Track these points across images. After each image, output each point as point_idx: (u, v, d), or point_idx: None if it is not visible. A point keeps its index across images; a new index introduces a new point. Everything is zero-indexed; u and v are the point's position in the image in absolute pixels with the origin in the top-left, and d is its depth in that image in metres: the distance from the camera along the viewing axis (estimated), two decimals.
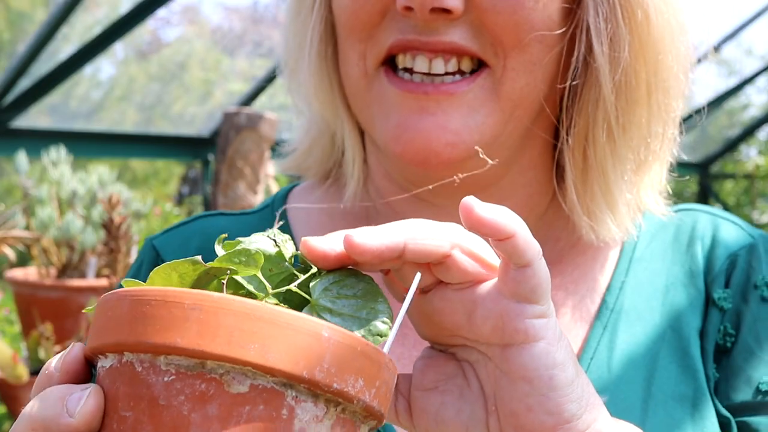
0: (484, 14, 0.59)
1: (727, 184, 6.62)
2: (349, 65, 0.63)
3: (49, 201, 2.33)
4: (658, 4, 0.62)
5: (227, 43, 3.53)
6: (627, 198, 0.66)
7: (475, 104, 0.60)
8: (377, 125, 0.62)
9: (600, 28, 0.61)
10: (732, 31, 5.03)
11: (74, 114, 3.30)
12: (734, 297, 0.68)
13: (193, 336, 0.35)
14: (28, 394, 1.94)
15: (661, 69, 0.64)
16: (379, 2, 0.60)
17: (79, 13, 2.79)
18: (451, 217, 0.52)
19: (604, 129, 0.63)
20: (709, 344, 0.66)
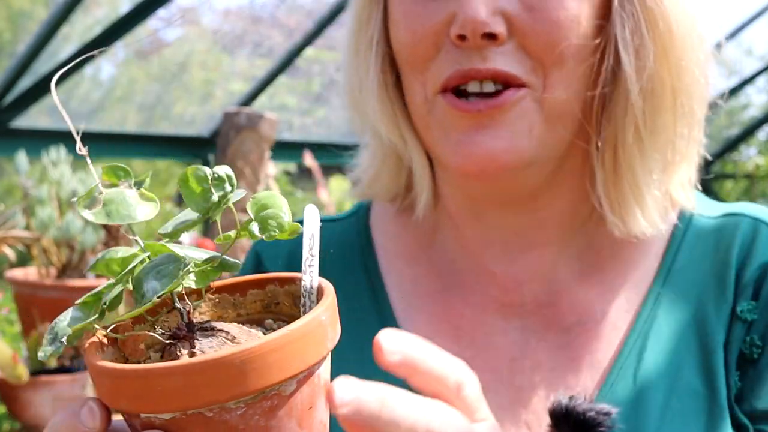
0: (525, 38, 0.66)
1: (727, 184, 6.63)
2: (412, 93, 0.71)
3: (49, 201, 2.33)
4: (679, 16, 0.69)
5: (227, 43, 3.53)
6: (656, 195, 0.70)
7: (523, 116, 0.67)
8: (439, 144, 0.69)
9: (627, 40, 0.68)
10: (732, 31, 5.03)
11: (75, 114, 3.30)
12: (764, 308, 0.69)
13: (255, 380, 0.43)
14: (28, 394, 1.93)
15: (684, 75, 0.70)
16: (433, 37, 0.68)
17: (80, 12, 2.79)
18: (503, 231, 0.72)
19: (632, 132, 0.69)
20: (731, 355, 0.68)
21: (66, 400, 2.09)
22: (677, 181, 0.73)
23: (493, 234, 0.75)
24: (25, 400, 2.06)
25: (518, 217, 0.74)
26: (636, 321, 0.71)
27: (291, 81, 3.95)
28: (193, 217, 0.47)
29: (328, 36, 3.77)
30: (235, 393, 0.42)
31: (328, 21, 3.42)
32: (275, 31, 3.55)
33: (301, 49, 3.48)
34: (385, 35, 0.72)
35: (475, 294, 0.76)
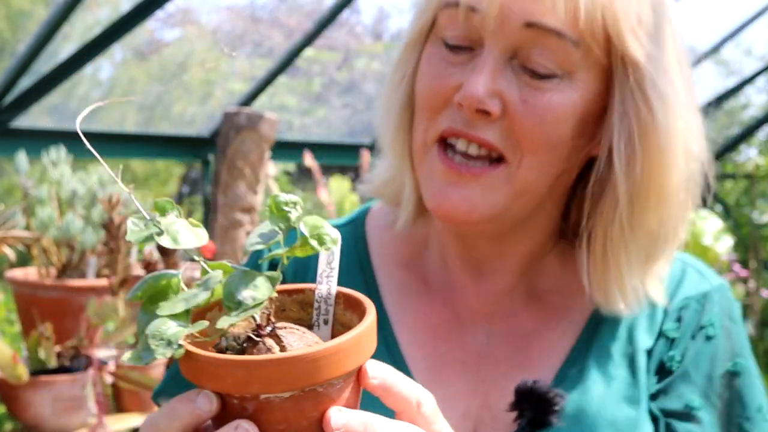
0: (514, 122, 0.78)
1: (727, 184, 6.63)
2: (416, 135, 0.85)
3: (49, 201, 2.33)
4: (670, 133, 0.79)
5: (227, 43, 3.53)
6: (635, 284, 0.84)
7: (492, 186, 0.80)
8: (423, 184, 0.84)
9: (621, 149, 0.79)
10: (732, 31, 5.03)
11: (74, 114, 3.30)
12: (683, 332, 0.87)
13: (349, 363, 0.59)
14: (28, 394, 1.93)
15: (669, 184, 0.81)
16: (444, 95, 0.81)
17: (80, 12, 2.79)
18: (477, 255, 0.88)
19: (617, 228, 0.81)
20: (653, 362, 0.86)
21: (66, 400, 2.08)
22: (653, 273, 0.86)
23: (470, 255, 0.90)
24: (25, 400, 2.06)
25: (488, 247, 0.88)
26: (582, 332, 0.88)
27: (291, 81, 3.95)
28: (276, 232, 0.61)
29: (328, 36, 3.77)
30: (336, 373, 0.58)
31: (328, 21, 3.42)
32: (275, 31, 3.54)
33: (301, 49, 3.48)
34: (413, 79, 0.86)
35: (452, 300, 0.91)
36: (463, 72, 0.80)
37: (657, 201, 0.81)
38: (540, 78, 0.78)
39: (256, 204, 3.12)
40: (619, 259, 0.83)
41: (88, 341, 2.13)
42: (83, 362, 2.13)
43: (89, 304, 2.13)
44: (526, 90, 0.78)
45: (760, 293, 5.76)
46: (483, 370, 0.88)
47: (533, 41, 0.77)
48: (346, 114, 4.17)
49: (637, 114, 0.79)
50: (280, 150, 3.49)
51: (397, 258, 0.94)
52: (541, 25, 0.76)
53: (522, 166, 0.80)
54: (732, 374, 0.87)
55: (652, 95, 0.79)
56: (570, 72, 0.78)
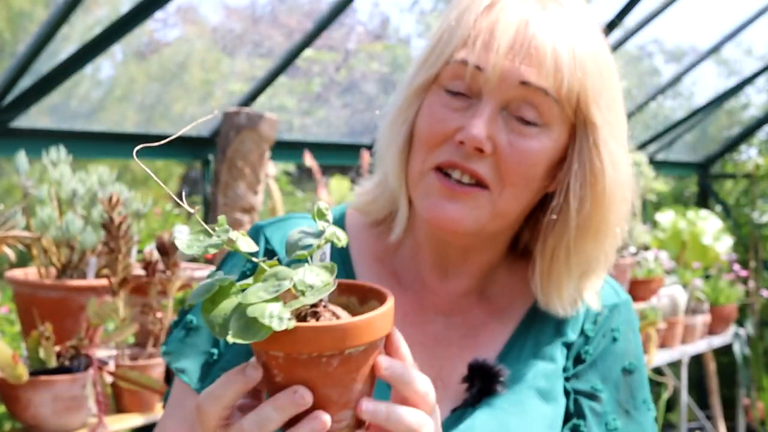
0: (500, 160, 0.99)
1: (727, 184, 6.62)
2: (414, 163, 1.04)
3: (49, 201, 2.32)
4: (613, 183, 1.03)
5: (227, 43, 3.53)
6: (570, 292, 1.08)
7: (478, 206, 1.01)
8: (420, 201, 1.03)
9: (576, 191, 1.02)
10: (732, 31, 5.03)
11: (74, 114, 3.30)
12: (597, 333, 1.12)
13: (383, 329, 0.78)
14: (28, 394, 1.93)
15: (607, 222, 1.05)
16: (444, 135, 1.01)
17: (80, 13, 2.79)
18: (444, 260, 1.10)
19: (564, 249, 1.05)
20: (572, 352, 1.11)
21: (66, 400, 2.09)
22: (588, 286, 1.10)
23: (440, 260, 1.10)
24: (25, 400, 2.06)
25: (457, 256, 1.09)
26: (519, 324, 1.11)
27: (291, 81, 3.95)
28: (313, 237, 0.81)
29: (328, 36, 3.77)
30: (379, 335, 0.77)
31: (328, 21, 3.42)
32: (275, 31, 3.54)
33: (301, 50, 3.48)
34: (414, 120, 1.05)
35: (419, 294, 1.12)
36: (462, 117, 1.00)
37: (597, 233, 1.05)
38: (525, 124, 0.99)
39: (256, 204, 3.12)
40: (560, 274, 1.07)
41: (88, 341, 2.13)
42: (83, 362, 2.13)
43: (89, 304, 2.13)
44: (512, 135, 1.00)
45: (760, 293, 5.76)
46: (438, 350, 1.10)
47: (523, 97, 0.99)
48: (346, 114, 4.17)
49: (591, 164, 1.02)
50: (280, 150, 3.49)
51: (373, 254, 1.13)
52: (533, 85, 0.98)
53: (502, 196, 1.01)
54: (627, 371, 1.13)
55: (604, 152, 1.02)
56: (548, 124, 1.00)
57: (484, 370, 1.05)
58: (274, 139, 3.15)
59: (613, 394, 1.11)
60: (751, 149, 6.56)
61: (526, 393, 1.07)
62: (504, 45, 0.98)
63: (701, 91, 5.72)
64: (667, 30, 4.97)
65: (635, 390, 1.13)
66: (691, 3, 4.59)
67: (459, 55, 1.00)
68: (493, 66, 0.98)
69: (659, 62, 5.47)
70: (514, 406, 1.06)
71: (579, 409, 1.10)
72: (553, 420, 1.08)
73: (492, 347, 1.10)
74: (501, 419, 1.04)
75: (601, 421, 1.10)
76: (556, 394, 1.09)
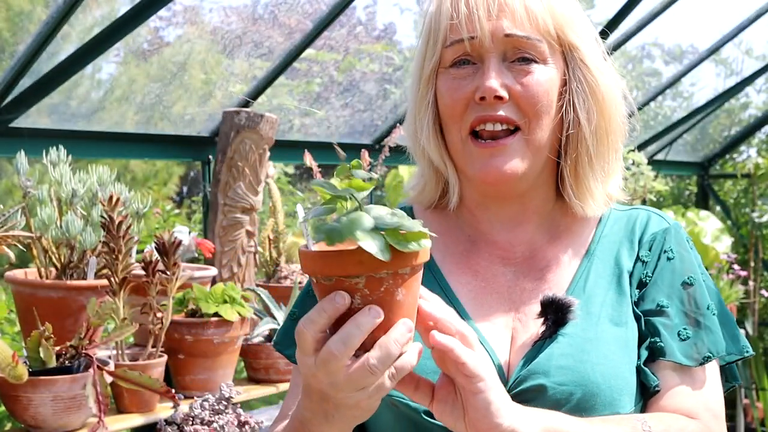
0: (518, 101, 1.19)
1: (727, 184, 6.62)
2: (452, 135, 1.24)
3: (49, 201, 2.32)
4: (608, 88, 1.23)
5: (227, 43, 3.53)
6: (600, 192, 1.26)
7: (517, 152, 1.20)
8: (468, 166, 1.22)
9: (581, 105, 1.21)
10: (732, 31, 5.03)
11: (74, 114, 3.30)
12: (652, 256, 1.26)
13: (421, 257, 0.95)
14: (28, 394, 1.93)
15: (613, 122, 1.24)
16: (464, 100, 1.20)
17: (80, 12, 2.79)
18: (501, 216, 1.29)
19: (586, 157, 1.23)
20: (634, 279, 1.25)
21: (66, 400, 2.09)
22: (613, 184, 1.28)
23: (495, 217, 1.29)
24: (25, 400, 2.06)
25: (512, 207, 1.28)
26: (581, 263, 1.27)
27: (291, 81, 3.95)
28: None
29: (328, 36, 3.77)
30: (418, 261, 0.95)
31: (328, 21, 3.42)
32: (275, 31, 3.54)
33: (301, 50, 3.48)
34: (435, 101, 1.24)
35: (484, 252, 1.29)
36: (473, 80, 1.19)
37: (608, 134, 1.23)
38: (526, 63, 1.19)
39: (256, 204, 3.12)
40: (588, 178, 1.24)
41: (88, 341, 2.13)
42: (83, 362, 2.12)
43: (89, 304, 2.13)
44: (519, 77, 1.19)
45: (760, 293, 5.75)
46: (512, 296, 1.25)
47: (513, 45, 1.18)
48: (346, 114, 4.17)
49: (585, 78, 1.21)
50: (280, 150, 3.48)
51: (439, 229, 1.29)
52: (516, 34, 1.18)
53: (531, 129, 1.19)
54: (687, 284, 1.24)
55: (591, 65, 1.21)
56: (544, 59, 1.20)
57: (554, 303, 1.17)
58: (274, 139, 3.15)
59: (679, 307, 1.22)
60: (751, 149, 6.56)
61: (597, 319, 1.20)
62: (482, 11, 1.17)
63: (701, 91, 5.72)
64: (667, 30, 4.96)
65: (699, 300, 1.24)
66: (691, 3, 4.59)
67: (452, 36, 1.20)
68: (480, 30, 1.17)
69: (659, 62, 5.46)
70: (587, 331, 1.18)
71: (651, 327, 1.22)
72: (626, 341, 1.20)
73: (561, 283, 1.25)
74: (577, 345, 1.17)
75: (673, 332, 1.21)
76: (626, 319, 1.21)
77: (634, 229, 1.29)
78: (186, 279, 2.46)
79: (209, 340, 2.51)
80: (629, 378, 1.17)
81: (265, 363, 2.78)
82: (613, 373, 1.16)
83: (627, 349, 1.19)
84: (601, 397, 1.14)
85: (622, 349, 1.19)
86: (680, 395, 1.19)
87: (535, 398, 1.13)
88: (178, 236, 2.41)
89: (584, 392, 1.13)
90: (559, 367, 1.14)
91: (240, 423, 2.33)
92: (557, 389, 1.13)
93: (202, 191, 3.45)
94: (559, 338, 1.17)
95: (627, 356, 1.19)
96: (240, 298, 2.58)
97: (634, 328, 1.22)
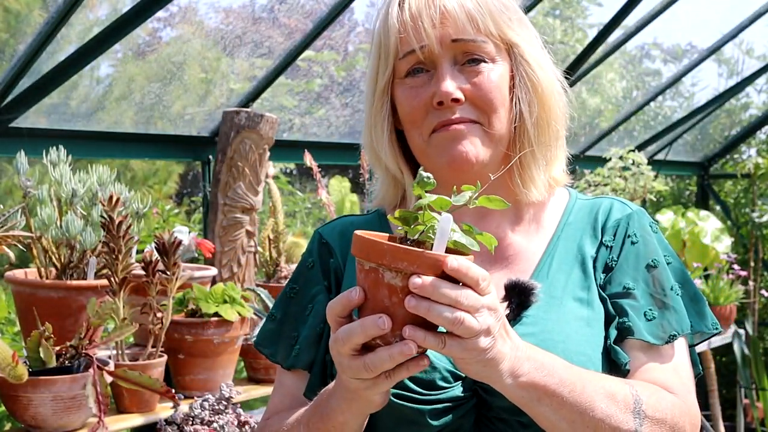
0: (474, 100, 1.27)
1: (727, 184, 6.62)
2: (414, 139, 1.31)
3: (49, 201, 2.32)
4: (547, 82, 1.31)
5: (227, 43, 3.53)
6: (542, 178, 1.33)
7: (478, 136, 1.27)
8: (436, 161, 1.28)
9: (523, 98, 1.29)
10: (732, 31, 5.03)
11: (74, 114, 3.30)
12: (617, 241, 1.32)
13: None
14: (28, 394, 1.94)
15: (553, 112, 1.32)
16: (424, 107, 1.28)
17: (79, 13, 2.79)
18: (465, 208, 1.12)
19: (529, 145, 1.31)
20: (599, 263, 1.31)
21: (66, 400, 2.09)
22: (557, 169, 1.36)
23: (460, 211, 1.29)
24: (25, 400, 2.06)
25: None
26: (546, 249, 1.33)
27: (291, 81, 3.95)
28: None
29: (329, 36, 3.77)
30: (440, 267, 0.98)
31: (328, 21, 3.42)
32: (275, 31, 3.54)
33: (301, 50, 3.48)
34: (391, 111, 1.32)
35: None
36: (429, 86, 1.27)
37: (549, 124, 1.31)
38: (476, 64, 1.27)
39: (256, 204, 3.12)
40: (530, 167, 1.31)
41: (88, 341, 2.13)
42: (83, 362, 2.12)
43: (89, 304, 2.13)
44: (471, 77, 1.27)
45: (760, 293, 5.75)
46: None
47: (461, 49, 1.26)
48: (346, 114, 4.17)
49: (526, 73, 1.29)
50: (280, 150, 3.48)
51: None
52: (462, 39, 1.26)
53: (490, 123, 1.27)
54: (651, 266, 1.29)
55: (530, 60, 1.29)
56: (492, 58, 1.27)
57: (517, 287, 1.22)
58: (274, 139, 3.15)
59: (645, 289, 1.28)
60: (751, 149, 6.56)
61: (560, 302, 1.26)
62: (426, 21, 1.25)
63: (701, 91, 5.72)
64: (667, 30, 4.96)
65: (663, 281, 1.29)
66: (691, 3, 4.59)
67: (403, 48, 1.28)
68: (428, 38, 1.25)
69: (659, 62, 5.46)
70: (549, 312, 1.24)
71: (619, 308, 1.27)
72: (589, 319, 1.25)
73: (526, 270, 1.31)
74: (540, 325, 1.22)
75: (640, 313, 1.26)
76: (591, 300, 1.27)
77: (597, 216, 1.35)
78: (186, 279, 2.46)
79: (209, 340, 2.51)
80: (592, 355, 1.22)
81: (265, 363, 2.78)
82: (575, 349, 1.20)
83: (590, 329, 1.24)
84: None
85: (585, 328, 1.24)
86: (651, 371, 1.24)
87: None
88: (178, 236, 2.41)
89: None
90: None
91: (240, 423, 2.33)
92: None
93: (202, 191, 3.45)
94: (523, 319, 1.22)
95: (590, 334, 1.24)
96: (240, 298, 2.58)
97: (600, 309, 1.27)
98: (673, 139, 5.74)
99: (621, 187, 4.49)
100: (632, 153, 4.56)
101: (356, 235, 1.02)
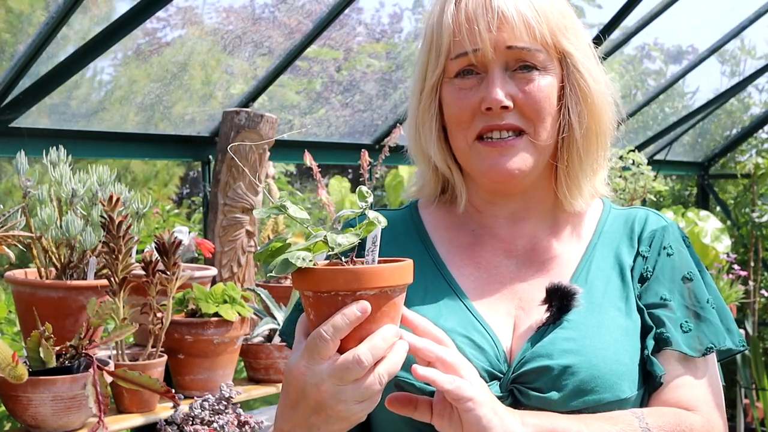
0: (522, 108, 1.26)
1: (727, 184, 6.62)
2: (458, 141, 1.30)
3: (49, 201, 2.32)
4: (599, 94, 1.30)
5: (227, 43, 3.53)
6: (588, 189, 1.34)
7: (523, 149, 1.27)
8: (476, 167, 1.29)
9: (573, 109, 1.29)
10: (732, 31, 5.03)
11: (74, 114, 3.30)
12: (652, 252, 1.32)
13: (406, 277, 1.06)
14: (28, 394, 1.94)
15: (602, 125, 1.32)
16: (471, 110, 1.27)
17: (79, 13, 2.79)
18: (505, 211, 1.36)
19: (577, 157, 1.31)
20: (636, 273, 1.31)
21: (66, 400, 2.08)
22: (599, 180, 1.36)
23: (499, 213, 1.35)
24: (25, 400, 2.06)
25: (515, 203, 1.34)
26: (583, 256, 1.33)
27: (291, 81, 3.95)
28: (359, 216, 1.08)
29: (329, 36, 3.77)
30: (391, 283, 1.01)
31: (328, 21, 3.42)
32: (275, 31, 3.54)
33: (301, 50, 3.48)
34: (439, 109, 1.31)
35: (488, 246, 1.35)
36: (479, 91, 1.26)
37: (598, 135, 1.31)
38: (527, 71, 1.26)
39: (256, 204, 3.12)
40: (578, 176, 1.31)
41: (88, 341, 2.13)
42: (83, 362, 2.12)
43: (89, 304, 2.13)
44: (521, 85, 1.26)
45: (760, 293, 5.75)
46: (515, 286, 1.31)
47: (515, 56, 1.25)
48: (346, 114, 4.17)
49: (578, 84, 1.28)
50: (280, 150, 3.48)
51: (444, 224, 1.38)
52: (516, 46, 1.25)
53: (536, 132, 1.26)
54: (687, 279, 1.30)
55: (583, 71, 1.28)
56: (543, 67, 1.26)
57: (559, 290, 1.23)
58: (274, 139, 3.15)
59: (680, 301, 1.29)
60: (751, 149, 6.56)
61: (600, 308, 1.26)
62: (482, 25, 1.24)
63: (701, 91, 5.72)
64: (667, 30, 4.96)
65: (698, 294, 1.30)
66: (691, 3, 4.59)
67: (456, 50, 1.26)
68: (482, 42, 1.24)
69: (659, 62, 5.46)
70: (590, 318, 1.24)
71: (656, 319, 1.27)
72: (627, 330, 1.25)
73: (563, 274, 1.31)
74: (580, 330, 1.22)
75: (676, 324, 1.26)
76: (629, 310, 1.27)
77: (633, 226, 1.35)
78: (186, 279, 2.45)
79: (209, 340, 2.51)
80: (629, 364, 1.22)
81: (265, 363, 2.78)
82: (614, 358, 1.21)
83: (628, 338, 1.24)
84: (601, 380, 1.19)
85: (624, 337, 1.24)
86: (683, 387, 1.25)
87: (538, 379, 1.19)
88: (178, 236, 2.41)
89: (586, 375, 1.19)
90: (562, 350, 1.20)
91: (240, 423, 2.33)
92: (560, 371, 1.18)
93: (202, 191, 3.45)
94: (563, 323, 1.23)
95: (628, 344, 1.24)
96: (240, 298, 2.58)
97: (637, 319, 1.27)
98: (673, 139, 5.74)
99: (621, 187, 4.49)
100: (632, 153, 4.56)
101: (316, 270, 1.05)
